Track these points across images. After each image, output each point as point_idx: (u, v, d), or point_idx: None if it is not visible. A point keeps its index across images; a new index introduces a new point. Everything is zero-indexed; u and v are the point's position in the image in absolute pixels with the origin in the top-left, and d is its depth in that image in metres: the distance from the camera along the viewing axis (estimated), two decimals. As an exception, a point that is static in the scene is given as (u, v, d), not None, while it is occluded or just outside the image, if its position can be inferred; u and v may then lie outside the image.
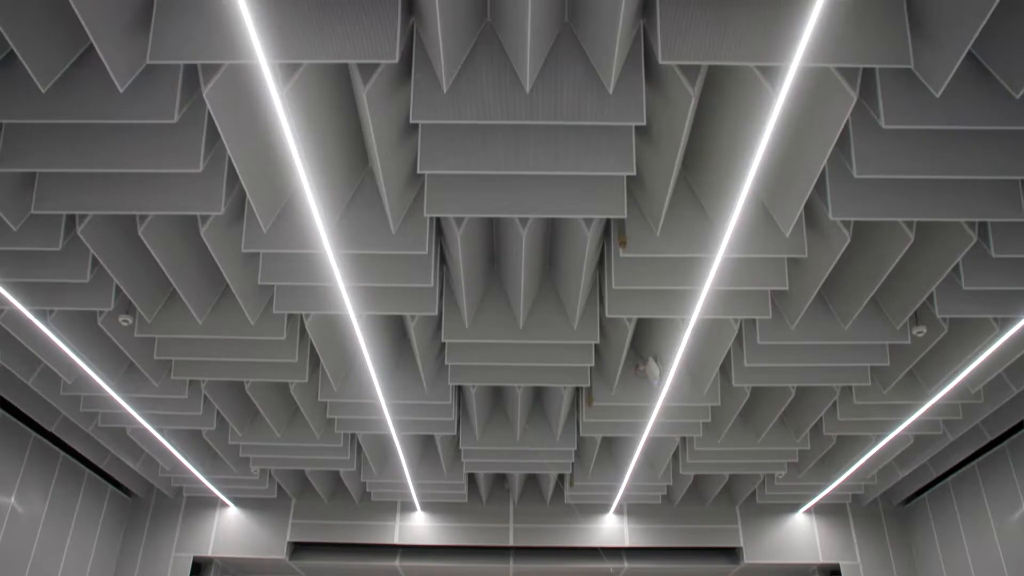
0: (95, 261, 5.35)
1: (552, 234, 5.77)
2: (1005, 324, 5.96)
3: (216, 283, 5.97)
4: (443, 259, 5.80)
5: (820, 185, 4.69)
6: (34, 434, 8.23)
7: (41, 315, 5.97)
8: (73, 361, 6.57)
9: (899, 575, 10.04)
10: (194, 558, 10.05)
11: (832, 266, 5.24)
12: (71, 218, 5.06)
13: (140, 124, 4.31)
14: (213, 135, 4.38)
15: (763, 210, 5.02)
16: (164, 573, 9.93)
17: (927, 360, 6.79)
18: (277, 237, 5.06)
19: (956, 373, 6.67)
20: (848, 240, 4.94)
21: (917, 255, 5.31)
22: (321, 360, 6.63)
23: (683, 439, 8.51)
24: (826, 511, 10.34)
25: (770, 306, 5.82)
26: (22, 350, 6.66)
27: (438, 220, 5.35)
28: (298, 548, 10.34)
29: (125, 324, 6.14)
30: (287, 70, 3.86)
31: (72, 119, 4.22)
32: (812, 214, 5.08)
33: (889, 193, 4.69)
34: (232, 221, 5.13)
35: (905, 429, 7.84)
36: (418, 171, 4.49)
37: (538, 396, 8.09)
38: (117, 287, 5.66)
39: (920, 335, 6.18)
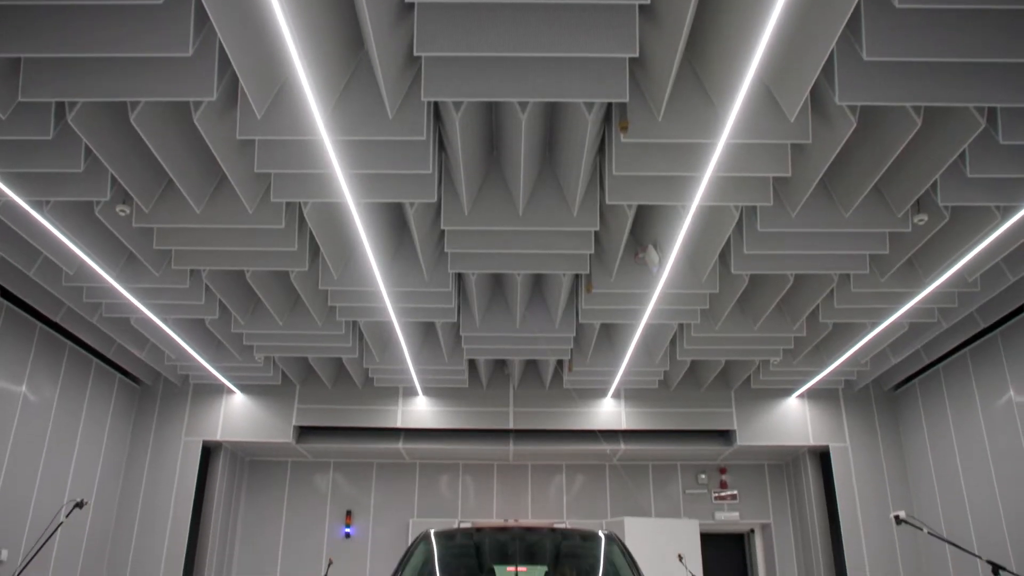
0: (88, 150, 5.27)
1: (552, 119, 5.66)
2: (1007, 212, 5.93)
3: (212, 172, 5.90)
4: (441, 145, 5.72)
5: (827, 68, 4.56)
6: (40, 324, 8.32)
7: (38, 206, 5.93)
8: (73, 252, 6.57)
9: (886, 458, 10.39)
10: (203, 442, 10.37)
11: (836, 152, 5.17)
12: (60, 106, 4.95)
13: (125, 5, 4.16)
14: (202, 17, 4.23)
15: (768, 94, 4.91)
16: (175, 457, 10.26)
17: (926, 248, 6.80)
18: (272, 123, 4.96)
19: (954, 261, 6.69)
20: (854, 125, 4.85)
21: (923, 141, 5.23)
22: (321, 248, 6.63)
23: (681, 325, 8.63)
24: (818, 396, 10.59)
25: (771, 193, 5.78)
26: (21, 242, 6.66)
27: (436, 104, 5.24)
28: (304, 432, 10.65)
29: (123, 214, 6.11)
30: (276, -55, 3.69)
31: (54, 0, 4.06)
32: (818, 99, 4.98)
33: (898, 77, 4.57)
34: (225, 107, 5.02)
35: (900, 317, 7.93)
36: (415, 53, 4.36)
37: (537, 283, 8.15)
38: (112, 176, 5.60)
39: (921, 223, 6.17)
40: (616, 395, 10.49)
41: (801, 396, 10.56)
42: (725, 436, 10.62)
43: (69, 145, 5.25)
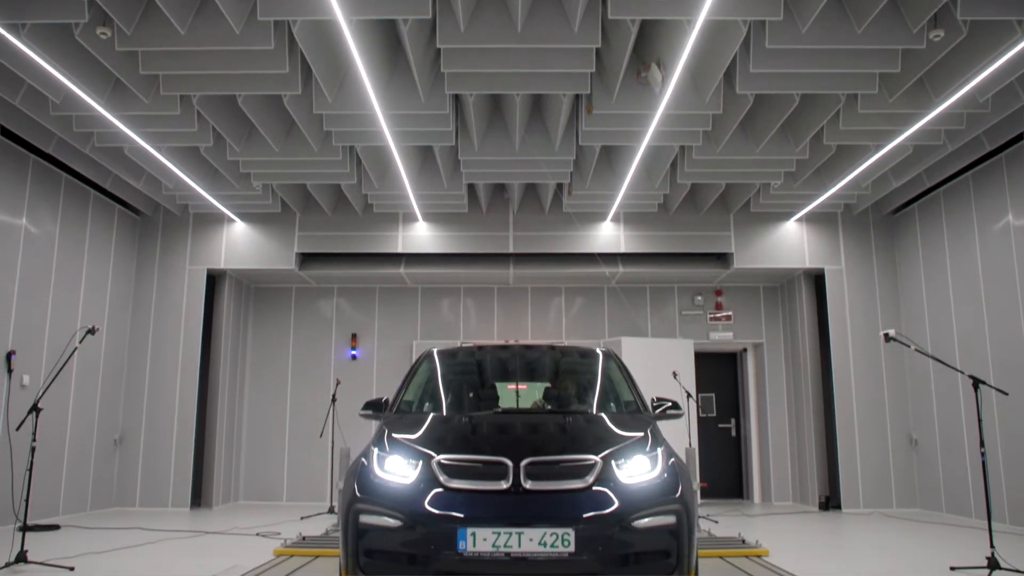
0: (60, -36, 4.98)
1: (552, -74, 5.31)
2: (1028, 26, 5.69)
3: (194, -13, 5.60)
4: (435, -43, 5.40)
5: None
6: (33, 156, 8.20)
7: (13, 29, 5.67)
8: (57, 79, 6.36)
9: (880, 280, 10.57)
10: (208, 271, 10.52)
11: (853, -40, 4.89)
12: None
13: None
14: None
15: None
16: (180, 285, 10.45)
17: (939, 67, 6.58)
18: (253, -68, 4.65)
19: (967, 80, 6.49)
20: (874, -71, 4.55)
21: (946, -54, 4.93)
22: (313, 70, 6.42)
23: (682, 148, 8.51)
24: (817, 219, 10.63)
25: (782, 6, 5.51)
26: (2, 69, 6.43)
27: (428, -89, 4.90)
28: (306, 258, 10.78)
29: (104, 37, 5.85)
30: None
31: None
32: (838, -102, 4.64)
33: None
34: (202, -86, 4.69)
35: (906, 139, 7.81)
36: None
37: (537, 104, 7.95)
38: (89, -6, 5.32)
39: (937, 39, 5.93)
40: (615, 219, 10.52)
41: (799, 220, 10.60)
42: (722, 259, 10.76)
43: (39, -41, 4.95)
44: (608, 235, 10.51)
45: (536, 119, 8.15)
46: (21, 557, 5.34)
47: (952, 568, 5.53)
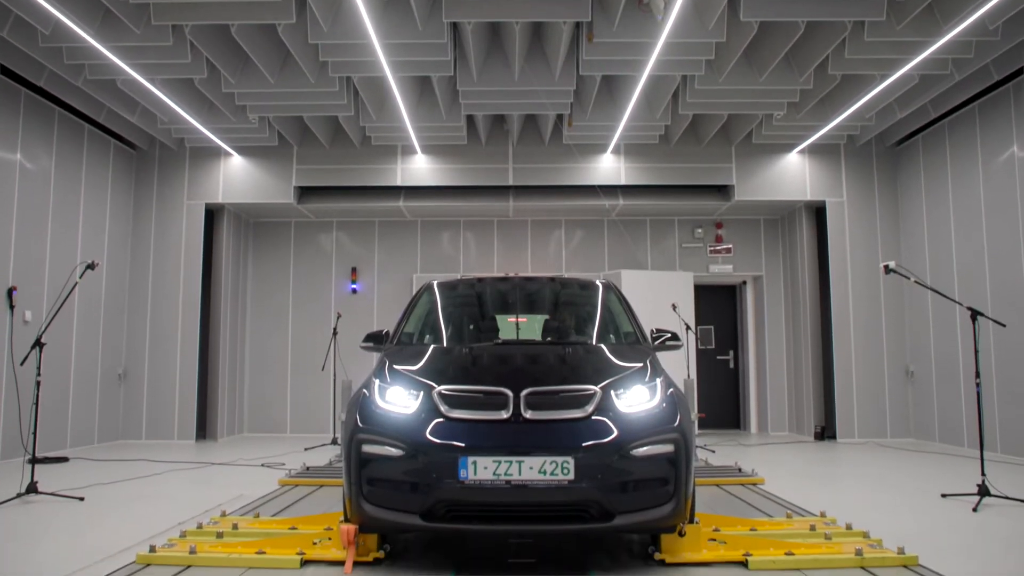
0: None
1: None
2: (1041, -54, 5.53)
3: (182, -89, 5.43)
4: None
5: None
6: (24, 90, 8.07)
7: (-2, -47, 5.52)
8: (45, 7, 6.21)
9: (881, 212, 10.51)
10: (206, 205, 10.46)
11: None
12: None
13: None
14: None
15: None
16: (179, 220, 10.40)
17: (949, -10, 6.43)
18: None
19: (978, 6, 6.34)
20: None
21: None
22: (307, -2, 6.28)
23: (684, 77, 8.37)
24: (819, 151, 10.52)
25: (789, -72, 5.36)
26: (-12, -5, 6.29)
27: None
28: (305, 192, 10.70)
29: (91, -39, 5.70)
30: None
31: None
32: None
33: None
34: None
35: (913, 68, 7.66)
36: None
37: (537, 32, 7.79)
38: (74, -83, 5.16)
39: (947, -39, 5.78)
40: (616, 150, 10.42)
41: (802, 151, 10.50)
42: (723, 191, 10.69)
43: None
44: (608, 167, 10.42)
45: (536, 48, 7.99)
46: (32, 488, 5.45)
47: (943, 495, 5.64)
